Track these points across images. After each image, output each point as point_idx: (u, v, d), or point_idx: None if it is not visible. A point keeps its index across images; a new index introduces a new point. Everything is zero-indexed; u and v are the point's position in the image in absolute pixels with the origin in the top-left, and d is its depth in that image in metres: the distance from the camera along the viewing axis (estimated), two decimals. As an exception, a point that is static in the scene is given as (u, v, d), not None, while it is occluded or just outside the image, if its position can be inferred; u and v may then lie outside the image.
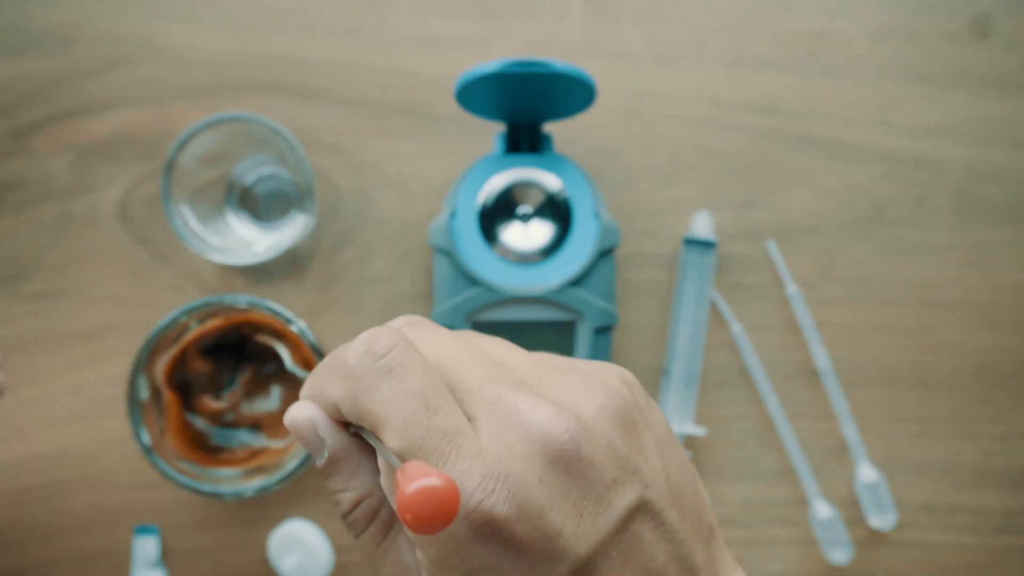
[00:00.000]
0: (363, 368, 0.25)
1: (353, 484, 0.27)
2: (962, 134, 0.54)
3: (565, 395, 0.25)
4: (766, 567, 0.53)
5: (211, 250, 0.49)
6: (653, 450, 0.25)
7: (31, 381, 0.53)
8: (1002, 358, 0.54)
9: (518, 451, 0.23)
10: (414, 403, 0.24)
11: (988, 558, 0.53)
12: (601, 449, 0.24)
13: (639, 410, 0.26)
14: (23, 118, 0.53)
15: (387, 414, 0.24)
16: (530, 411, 0.24)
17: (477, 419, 0.24)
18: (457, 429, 0.24)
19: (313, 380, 0.27)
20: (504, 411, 0.24)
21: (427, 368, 0.25)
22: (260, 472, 0.48)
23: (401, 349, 0.25)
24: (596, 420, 0.24)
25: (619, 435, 0.25)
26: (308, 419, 0.26)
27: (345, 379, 0.25)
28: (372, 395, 0.24)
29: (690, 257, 0.52)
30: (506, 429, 0.24)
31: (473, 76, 0.45)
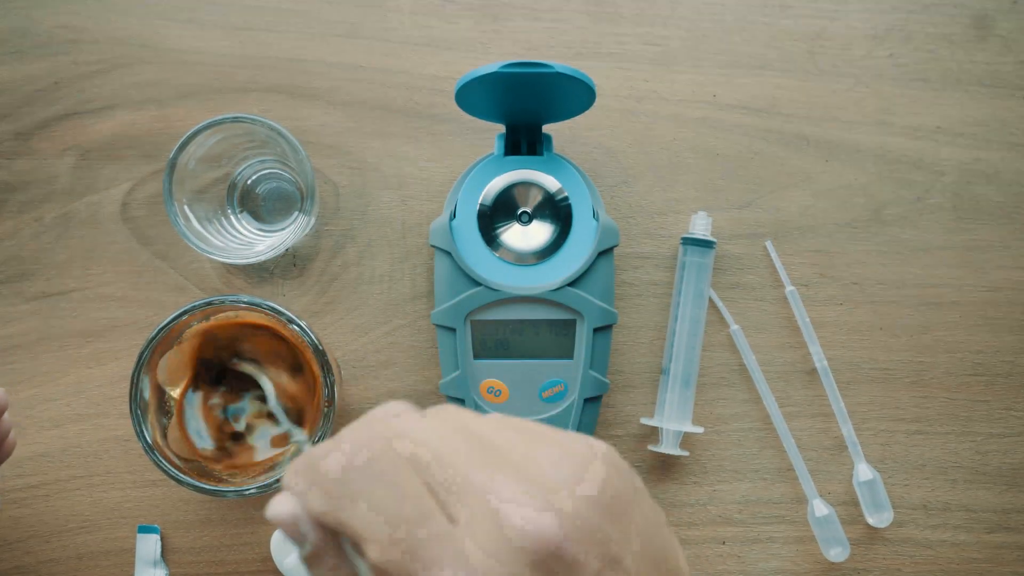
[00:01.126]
0: (342, 483, 0.25)
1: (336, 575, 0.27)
2: (959, 135, 0.54)
3: (549, 481, 0.25)
4: (764, 565, 0.53)
5: (212, 250, 0.49)
6: (634, 534, 0.25)
7: (34, 380, 0.53)
8: (998, 357, 0.54)
9: (502, 556, 0.23)
10: (394, 515, 0.24)
11: (984, 556, 0.53)
12: (584, 544, 0.24)
13: (620, 493, 0.25)
14: (26, 119, 0.54)
15: (368, 529, 0.24)
16: (513, 513, 0.24)
17: (460, 522, 0.24)
18: (440, 534, 0.24)
19: (294, 478, 0.27)
20: (486, 513, 0.24)
21: (408, 476, 0.25)
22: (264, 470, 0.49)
23: (381, 460, 0.25)
24: (580, 510, 0.24)
25: (603, 525, 0.24)
26: (290, 515, 0.26)
27: (324, 492, 0.25)
28: (352, 511, 0.25)
29: (688, 257, 0.53)
30: (490, 532, 0.24)
31: (473, 77, 0.45)
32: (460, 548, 0.24)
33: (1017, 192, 0.54)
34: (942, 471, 0.54)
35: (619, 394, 0.54)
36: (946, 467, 0.54)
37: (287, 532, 0.27)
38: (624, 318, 0.54)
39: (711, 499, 0.53)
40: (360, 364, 0.53)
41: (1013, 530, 0.53)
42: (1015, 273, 0.54)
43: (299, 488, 0.26)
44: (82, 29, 0.54)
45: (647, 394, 0.54)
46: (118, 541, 0.53)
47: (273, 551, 0.51)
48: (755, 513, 0.53)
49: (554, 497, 0.24)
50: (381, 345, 0.54)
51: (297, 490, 0.27)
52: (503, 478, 0.25)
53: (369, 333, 0.54)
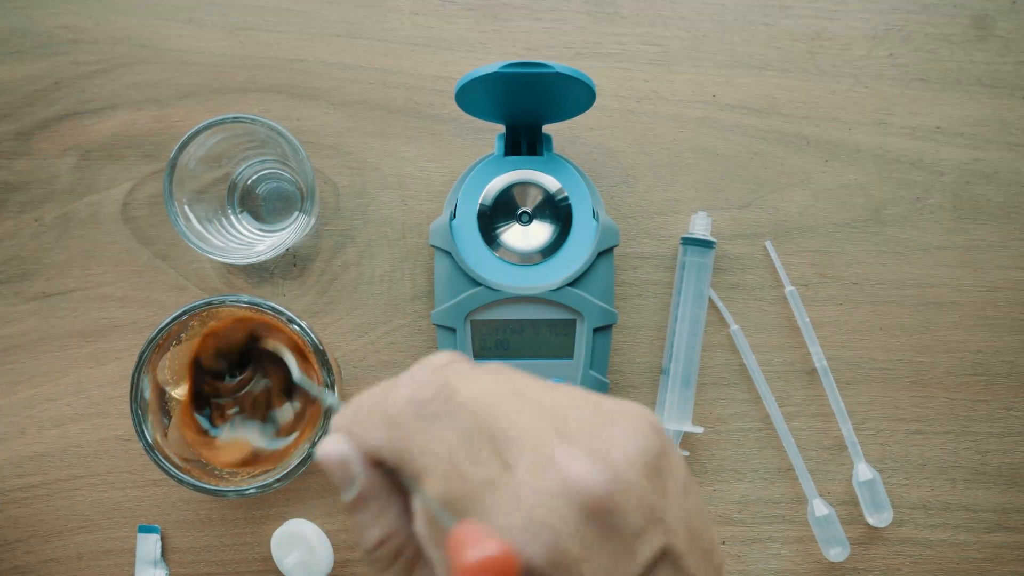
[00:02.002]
0: (406, 415, 0.25)
1: (380, 522, 0.27)
2: (958, 135, 0.55)
3: (599, 440, 0.25)
4: (764, 564, 0.53)
5: (212, 250, 0.49)
6: (676, 496, 0.26)
7: (34, 380, 0.53)
8: (997, 357, 0.54)
9: (555, 502, 0.24)
10: (456, 453, 0.24)
11: (983, 555, 0.53)
12: (632, 499, 0.24)
13: (666, 457, 0.26)
14: (26, 119, 0.54)
15: (429, 463, 0.25)
16: (567, 463, 0.24)
17: (515, 468, 0.24)
18: (497, 479, 0.24)
19: (350, 417, 0.27)
20: (542, 461, 0.24)
21: (469, 416, 0.25)
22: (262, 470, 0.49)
23: (444, 397, 0.25)
24: (629, 469, 0.25)
25: (648, 483, 0.25)
26: (341, 455, 0.27)
27: (387, 425, 0.26)
28: (415, 443, 0.25)
29: (688, 257, 0.53)
30: (544, 480, 0.24)
31: (473, 77, 0.45)
32: (514, 492, 0.24)
33: (1016, 192, 0.54)
34: (942, 471, 0.54)
35: (619, 394, 0.54)
36: (946, 467, 0.54)
37: (335, 473, 0.27)
38: (624, 318, 0.54)
39: (711, 499, 0.53)
40: (360, 364, 0.53)
41: (1013, 530, 0.54)
42: (1015, 273, 0.54)
43: (356, 425, 0.27)
44: (82, 29, 0.54)
45: (647, 394, 0.54)
46: (118, 541, 0.53)
47: (273, 551, 0.51)
48: (755, 513, 0.53)
49: (606, 453, 0.25)
50: (381, 345, 0.54)
51: (354, 427, 0.27)
52: (558, 430, 0.25)
53: (369, 333, 0.54)
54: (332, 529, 0.53)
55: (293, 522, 0.51)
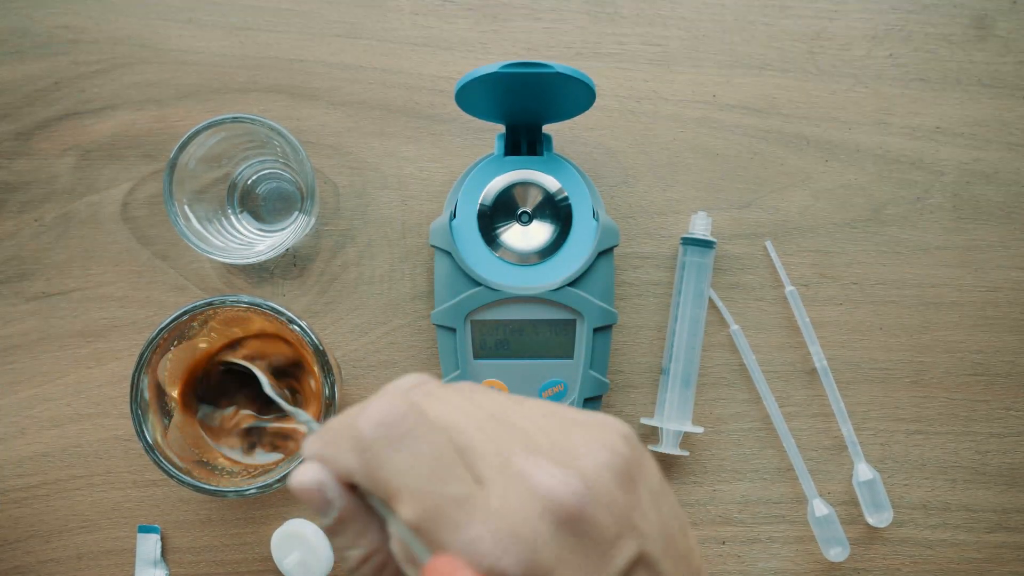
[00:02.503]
0: (376, 439, 0.25)
1: (361, 542, 0.27)
2: (958, 135, 0.55)
3: (570, 453, 0.25)
4: (764, 565, 0.53)
5: (212, 250, 0.49)
6: (650, 503, 0.26)
7: (34, 380, 0.53)
8: (997, 357, 0.54)
9: (527, 513, 0.24)
10: (426, 473, 0.25)
11: (984, 555, 0.53)
12: (604, 508, 0.25)
13: (637, 465, 0.26)
14: (26, 119, 0.54)
15: (400, 484, 0.25)
16: (536, 474, 0.24)
17: (486, 482, 0.25)
18: (468, 495, 0.24)
19: (321, 444, 0.27)
20: (513, 474, 0.25)
21: (438, 435, 0.25)
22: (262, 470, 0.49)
23: (413, 418, 0.26)
24: (599, 479, 0.25)
25: (620, 492, 0.25)
26: (316, 482, 0.27)
27: (358, 449, 0.26)
28: (386, 467, 0.25)
29: (688, 257, 0.53)
30: (516, 492, 0.24)
31: (473, 77, 0.45)
32: (486, 507, 0.24)
33: (1016, 192, 0.54)
34: (942, 471, 0.54)
35: (619, 394, 0.54)
36: (946, 467, 0.54)
37: (311, 501, 0.27)
38: (624, 318, 0.54)
39: (711, 499, 0.53)
40: (360, 364, 0.53)
41: (1013, 530, 0.54)
42: (1015, 273, 0.54)
43: (327, 450, 0.27)
44: (82, 29, 0.54)
45: (647, 394, 0.54)
46: (118, 541, 0.53)
47: (273, 551, 0.51)
48: (755, 513, 0.53)
49: (576, 463, 0.25)
50: (381, 345, 0.54)
51: (325, 453, 0.27)
52: (527, 445, 0.25)
53: (369, 333, 0.54)
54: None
55: (293, 522, 0.51)
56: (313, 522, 0.52)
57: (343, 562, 0.27)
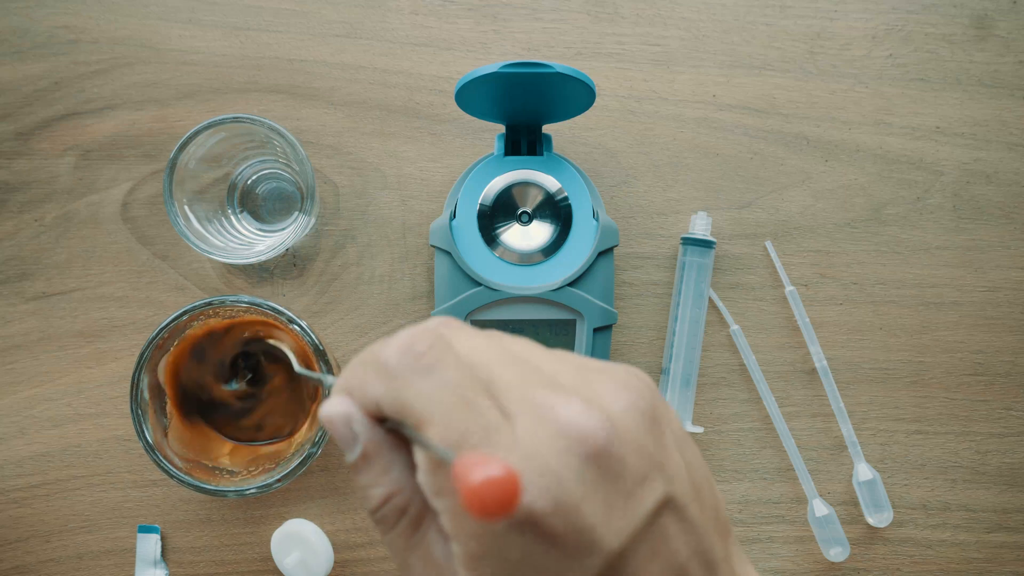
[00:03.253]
0: (404, 366, 0.25)
1: (384, 480, 0.27)
2: (958, 135, 0.55)
3: (594, 394, 0.25)
4: (764, 564, 0.53)
5: (212, 250, 0.49)
6: (675, 448, 0.26)
7: (34, 380, 0.53)
8: (997, 357, 0.54)
9: (554, 447, 0.24)
10: (454, 399, 0.25)
11: (983, 555, 0.53)
12: (631, 446, 0.24)
13: (662, 411, 0.26)
14: (26, 119, 0.54)
15: (429, 410, 0.25)
16: (564, 409, 0.24)
17: (513, 416, 0.24)
18: (496, 426, 0.24)
19: (348, 376, 0.27)
20: (539, 409, 0.24)
21: (465, 367, 0.25)
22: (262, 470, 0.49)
23: (440, 348, 0.26)
24: (625, 418, 0.25)
25: (646, 433, 0.25)
26: (344, 414, 0.27)
27: (385, 377, 0.26)
28: (414, 392, 0.25)
29: (688, 257, 0.53)
30: (542, 426, 0.24)
31: (473, 77, 0.45)
32: (514, 439, 0.24)
33: (1017, 192, 0.54)
34: (942, 471, 0.54)
35: (619, 394, 0.54)
36: (946, 467, 0.54)
37: (338, 433, 0.27)
38: (624, 318, 0.54)
39: (711, 499, 0.53)
40: (360, 364, 0.53)
41: (1012, 530, 0.54)
42: (1015, 273, 0.54)
43: (354, 381, 0.27)
44: (82, 29, 0.54)
45: (647, 394, 0.54)
46: (118, 541, 0.53)
47: (273, 551, 0.51)
48: (755, 513, 0.53)
49: (602, 402, 0.25)
50: (381, 345, 0.53)
51: (352, 384, 0.27)
52: (553, 383, 0.25)
53: (369, 333, 0.54)
54: (332, 529, 0.53)
55: (293, 522, 0.51)
56: (313, 522, 0.52)
57: (365, 502, 0.27)
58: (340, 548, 0.53)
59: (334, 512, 0.53)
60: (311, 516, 0.53)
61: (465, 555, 0.25)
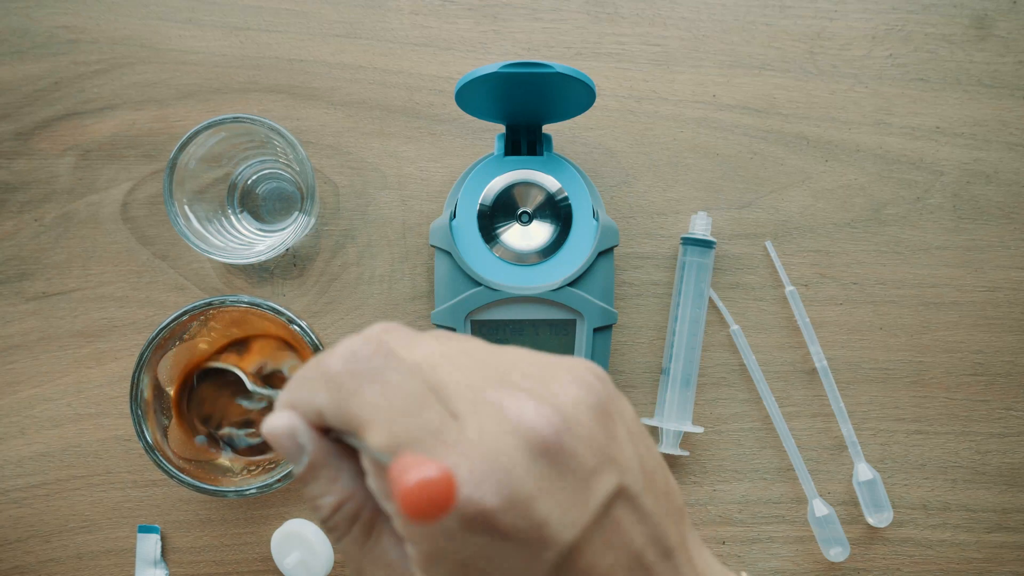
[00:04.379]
0: (346, 373, 0.25)
1: (333, 488, 0.27)
2: (958, 135, 0.55)
3: (543, 389, 0.25)
4: (764, 565, 0.53)
5: (212, 250, 0.49)
6: (627, 439, 0.26)
7: (34, 380, 0.53)
8: (997, 357, 0.54)
9: (503, 444, 0.24)
10: (398, 402, 0.24)
11: (983, 555, 0.53)
12: (581, 440, 0.25)
13: (612, 403, 0.27)
14: (26, 119, 0.54)
15: (372, 415, 0.25)
16: (513, 406, 0.24)
17: (462, 416, 0.24)
18: (442, 426, 0.24)
19: (292, 390, 0.27)
20: (487, 407, 0.24)
21: (410, 371, 0.25)
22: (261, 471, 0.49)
23: (382, 354, 0.25)
24: (575, 412, 0.25)
25: (596, 426, 0.25)
26: (287, 427, 0.27)
27: (328, 386, 0.26)
28: (357, 399, 0.25)
29: (688, 257, 0.53)
30: (490, 424, 0.24)
31: (473, 77, 0.45)
32: (462, 438, 0.24)
33: (1017, 192, 0.54)
34: (942, 471, 0.54)
35: (619, 394, 0.54)
36: (946, 467, 0.54)
37: (283, 447, 0.27)
38: (624, 318, 0.54)
39: (711, 499, 0.53)
40: (360, 364, 0.53)
41: (1012, 530, 0.54)
42: (1015, 273, 0.54)
43: (297, 394, 0.27)
44: (82, 29, 0.54)
45: (647, 394, 0.54)
46: (118, 541, 0.53)
47: (273, 551, 0.51)
48: (755, 513, 0.53)
49: (552, 398, 0.25)
50: (381, 345, 0.53)
51: (295, 397, 0.27)
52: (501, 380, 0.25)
53: (369, 333, 0.54)
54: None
55: (293, 522, 0.51)
56: (313, 522, 0.52)
57: (316, 512, 0.27)
58: (340, 548, 0.53)
59: (315, 517, 0.53)
60: (311, 516, 0.53)
61: (420, 556, 0.25)
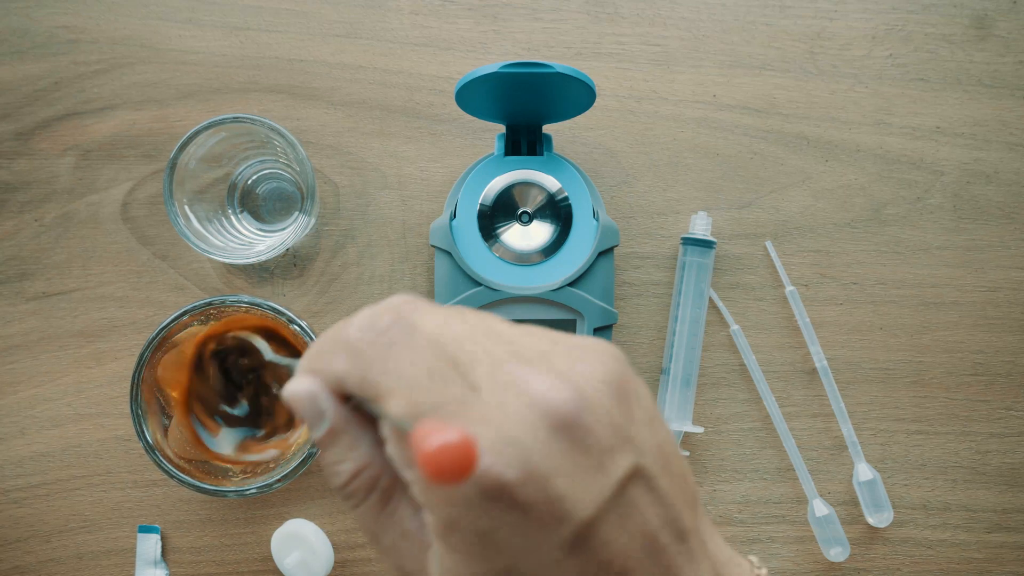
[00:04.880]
0: (367, 342, 0.26)
1: (352, 455, 0.27)
2: (958, 135, 0.55)
3: (563, 366, 0.25)
4: (764, 564, 0.53)
5: (212, 250, 0.49)
6: (644, 421, 0.26)
7: (34, 380, 0.53)
8: (997, 357, 0.54)
9: (523, 419, 0.24)
10: (419, 372, 0.25)
11: (983, 555, 0.53)
12: (600, 418, 0.25)
13: (630, 383, 0.26)
14: (26, 119, 0.54)
15: (393, 384, 0.25)
16: (533, 381, 0.24)
17: (481, 389, 0.24)
18: (462, 398, 0.24)
19: (312, 355, 0.27)
20: (507, 381, 0.24)
21: (429, 341, 0.25)
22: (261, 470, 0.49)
23: (402, 323, 0.26)
24: (594, 390, 0.25)
25: (615, 405, 0.25)
26: (308, 392, 0.27)
27: (349, 353, 0.26)
28: (377, 367, 0.25)
29: (688, 257, 0.53)
30: (510, 398, 0.24)
31: (473, 77, 0.45)
32: (481, 410, 0.24)
33: (1017, 192, 0.54)
34: (942, 471, 0.54)
35: (619, 394, 0.54)
36: (946, 467, 0.54)
37: (303, 411, 0.27)
38: (624, 318, 0.54)
39: (711, 499, 0.53)
40: (360, 364, 0.53)
41: (1013, 530, 0.54)
42: (1015, 273, 0.54)
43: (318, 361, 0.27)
44: (82, 29, 0.54)
45: (647, 394, 0.54)
46: (118, 541, 0.53)
47: (273, 551, 0.51)
48: (755, 513, 0.53)
49: (572, 374, 0.25)
50: (381, 345, 0.53)
51: (315, 363, 0.27)
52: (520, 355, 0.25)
53: (369, 333, 0.54)
54: (332, 529, 0.53)
55: (293, 522, 0.51)
56: (313, 522, 0.52)
57: (334, 478, 0.27)
58: (340, 548, 0.53)
59: (334, 512, 0.53)
60: (311, 516, 0.53)
61: (437, 524, 0.25)
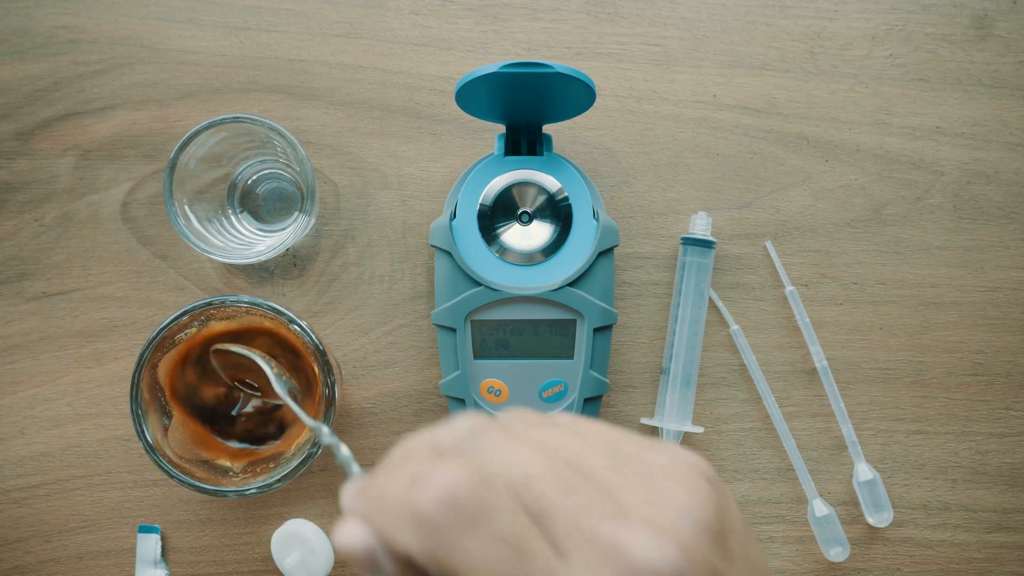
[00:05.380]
0: (443, 520, 0.23)
1: None
2: (958, 135, 0.55)
3: (659, 509, 0.23)
4: (764, 565, 0.53)
5: (212, 250, 0.49)
6: (742, 558, 0.25)
7: (34, 380, 0.53)
8: (997, 357, 0.54)
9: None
10: (504, 554, 0.22)
11: (984, 555, 0.53)
12: (701, 572, 0.23)
13: (726, 514, 0.25)
14: (26, 119, 0.54)
15: (474, 568, 0.22)
16: (630, 545, 0.22)
17: (568, 553, 0.22)
18: (550, 570, 0.22)
19: (371, 509, 0.24)
20: (599, 542, 0.22)
21: (511, 508, 0.23)
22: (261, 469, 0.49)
23: (484, 494, 0.23)
24: (696, 543, 0.23)
25: (716, 555, 0.23)
26: (365, 547, 0.24)
27: (419, 528, 0.23)
28: (456, 552, 0.22)
29: (688, 257, 0.53)
30: (603, 563, 0.22)
31: (473, 77, 0.45)
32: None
33: (1017, 192, 0.54)
34: (942, 471, 0.54)
35: (619, 394, 0.54)
36: (946, 467, 0.54)
37: (360, 564, 0.24)
38: (624, 318, 0.54)
39: (711, 499, 0.53)
40: (360, 364, 0.54)
41: (1013, 530, 0.54)
42: (1015, 273, 0.54)
43: (380, 521, 0.24)
44: (82, 29, 0.54)
45: (647, 394, 0.54)
46: (118, 541, 0.53)
47: (273, 551, 0.51)
48: (755, 513, 0.53)
49: (670, 525, 0.23)
50: (381, 345, 0.54)
51: (378, 522, 0.24)
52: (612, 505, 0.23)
53: (369, 333, 0.54)
54: (332, 529, 0.53)
55: (293, 522, 0.51)
56: (313, 522, 0.52)
57: None
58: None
59: (334, 512, 0.53)
60: (311, 516, 0.53)
61: None
